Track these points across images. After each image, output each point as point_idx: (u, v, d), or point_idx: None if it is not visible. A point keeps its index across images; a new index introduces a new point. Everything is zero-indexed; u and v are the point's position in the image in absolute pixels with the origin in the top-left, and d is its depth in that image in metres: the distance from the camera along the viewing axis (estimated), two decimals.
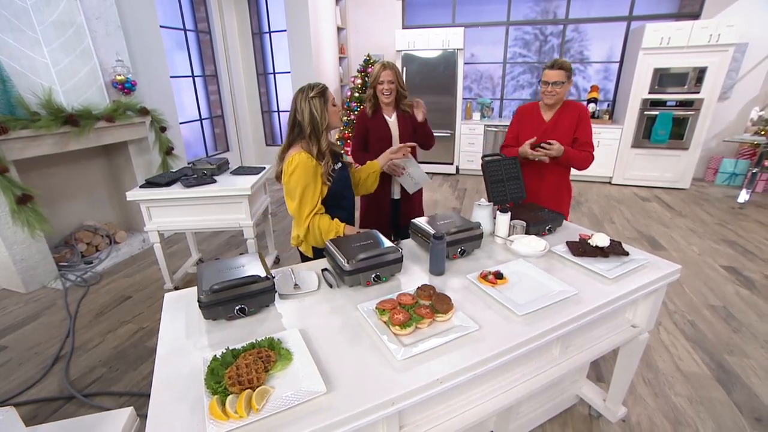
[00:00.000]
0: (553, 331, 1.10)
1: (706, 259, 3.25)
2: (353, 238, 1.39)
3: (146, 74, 3.71)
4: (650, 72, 4.84)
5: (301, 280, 1.32)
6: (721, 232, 3.77)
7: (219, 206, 2.59)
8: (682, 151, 5.04)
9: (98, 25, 3.15)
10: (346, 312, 1.16)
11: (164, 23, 4.21)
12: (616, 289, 1.26)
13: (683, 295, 2.74)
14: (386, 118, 2.18)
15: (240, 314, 1.12)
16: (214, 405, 0.80)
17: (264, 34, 5.55)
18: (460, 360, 0.96)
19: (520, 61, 6.36)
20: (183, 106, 4.75)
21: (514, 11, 5.95)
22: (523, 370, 1.21)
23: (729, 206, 4.51)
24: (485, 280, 1.27)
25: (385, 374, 0.91)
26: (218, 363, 0.91)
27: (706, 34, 4.53)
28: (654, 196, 4.99)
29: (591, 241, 1.47)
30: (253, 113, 5.99)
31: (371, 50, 6.12)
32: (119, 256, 3.42)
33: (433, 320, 1.08)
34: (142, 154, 3.63)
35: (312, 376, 0.89)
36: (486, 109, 6.21)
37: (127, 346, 2.29)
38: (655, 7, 5.42)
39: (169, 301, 1.24)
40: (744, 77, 5.12)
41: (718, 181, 5.38)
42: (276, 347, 0.97)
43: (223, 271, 1.17)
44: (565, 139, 2.03)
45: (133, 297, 2.85)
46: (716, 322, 2.42)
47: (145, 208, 2.52)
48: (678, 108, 4.88)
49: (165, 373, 0.94)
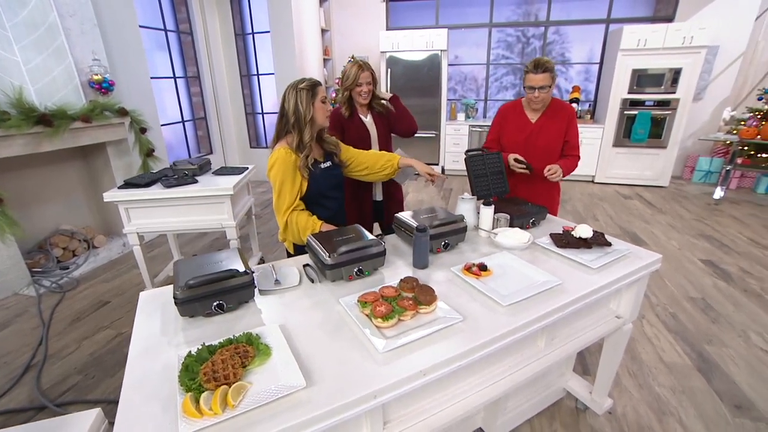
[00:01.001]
0: (538, 321, 1.09)
1: (685, 253, 3.32)
2: (335, 232, 1.36)
3: (125, 74, 3.62)
4: (629, 73, 4.96)
5: (282, 276, 1.28)
6: (698, 228, 3.87)
7: (201, 207, 2.53)
8: (660, 149, 5.17)
9: (73, 23, 3.05)
10: (328, 306, 1.13)
11: (144, 23, 4.12)
12: (599, 279, 1.26)
13: (665, 288, 2.78)
14: (362, 118, 2.12)
15: (218, 311, 1.08)
16: (187, 402, 0.76)
17: (247, 35, 5.49)
18: (444, 351, 0.94)
19: (503, 62, 6.45)
20: (164, 107, 4.65)
21: (497, 13, 6.04)
22: (510, 362, 1.19)
23: (705, 203, 4.63)
24: (469, 272, 1.26)
25: (367, 367, 0.89)
26: (193, 359, 0.87)
27: (680, 36, 4.67)
28: (635, 193, 5.09)
29: (574, 233, 1.48)
30: (237, 115, 5.91)
31: (355, 52, 6.11)
32: (98, 261, 3.31)
33: (417, 312, 1.05)
34: (121, 156, 3.53)
35: (291, 370, 0.86)
36: (470, 110, 6.26)
37: (105, 352, 2.20)
38: (631, 11, 5.57)
39: (145, 300, 1.19)
40: (716, 79, 5.28)
41: (694, 178, 5.53)
42: (254, 342, 0.94)
43: (200, 266, 1.13)
44: (552, 142, 1.98)
45: (112, 302, 2.75)
46: (696, 314, 2.47)
47: (123, 209, 2.43)
48: (656, 108, 5.01)
49: (137, 372, 0.89)
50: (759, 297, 2.64)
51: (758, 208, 4.42)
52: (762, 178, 4.99)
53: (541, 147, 1.99)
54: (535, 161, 1.94)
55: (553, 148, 2.01)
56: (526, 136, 2.00)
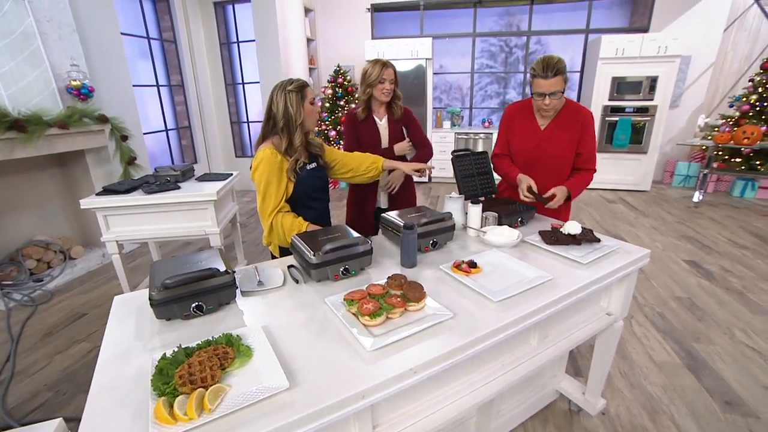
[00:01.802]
0: (530, 316, 1.07)
1: (669, 254, 3.37)
2: (320, 232, 1.32)
3: (106, 81, 3.54)
4: (609, 80, 5.10)
5: (266, 277, 1.23)
6: (680, 230, 3.94)
7: (183, 213, 2.45)
8: (641, 155, 5.29)
9: (50, 28, 2.97)
10: (313, 306, 1.08)
11: (126, 30, 4.06)
12: (590, 274, 1.25)
13: (651, 289, 2.80)
14: (377, 121, 2.08)
15: (197, 312, 1.02)
16: (159, 407, 0.70)
17: (232, 43, 5.47)
18: (434, 349, 0.90)
19: (487, 71, 6.56)
20: (147, 115, 4.56)
21: (480, 24, 6.17)
22: (502, 360, 1.16)
23: (686, 206, 4.74)
24: (459, 270, 1.23)
25: (354, 367, 0.84)
26: (167, 362, 0.81)
27: (655, 45, 4.83)
28: (619, 198, 5.18)
29: (563, 230, 1.47)
30: (222, 124, 5.84)
31: (341, 61, 6.14)
32: (74, 273, 3.17)
33: (405, 310, 1.02)
34: (101, 164, 3.42)
35: (273, 371, 0.80)
36: (456, 118, 6.33)
37: (79, 367, 2.09)
38: (609, 21, 5.76)
39: (119, 304, 1.12)
40: (690, 87, 5.47)
41: (674, 183, 5.67)
42: (234, 343, 0.88)
43: (179, 267, 1.07)
44: (563, 151, 1.73)
45: (89, 314, 2.62)
46: (682, 313, 2.48)
47: (101, 216, 2.34)
48: (635, 114, 5.14)
49: (106, 378, 0.83)
50: (741, 294, 2.68)
51: (734, 210, 4.54)
52: (737, 182, 5.15)
53: (549, 158, 1.76)
54: (542, 175, 1.73)
55: (561, 160, 1.76)
56: (534, 145, 1.76)
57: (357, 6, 6.17)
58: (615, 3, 5.76)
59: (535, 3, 5.85)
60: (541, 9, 5.95)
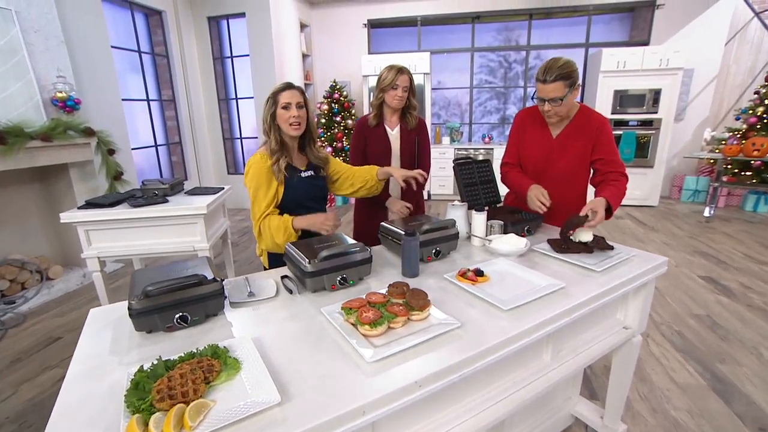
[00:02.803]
0: (543, 326, 1.03)
1: (683, 270, 3.33)
2: (315, 239, 1.29)
3: (94, 94, 3.57)
4: (611, 93, 5.20)
5: (257, 288, 1.19)
6: (693, 245, 3.92)
7: (171, 228, 2.42)
8: (647, 169, 5.33)
9: (37, 38, 3.02)
10: (308, 317, 1.04)
11: (117, 44, 4.12)
12: (605, 282, 1.21)
13: (667, 306, 2.76)
14: (388, 130, 2.05)
15: (181, 324, 0.97)
16: (132, 426, 0.65)
17: (226, 58, 5.57)
18: (441, 360, 0.86)
19: (487, 87, 6.70)
20: (136, 131, 4.58)
21: (478, 39, 6.34)
22: (514, 377, 1.11)
23: (696, 221, 4.74)
24: (464, 278, 1.19)
25: (353, 379, 0.79)
26: (145, 375, 0.76)
27: (657, 58, 4.96)
28: (626, 213, 5.19)
29: (574, 237, 1.44)
30: (214, 140, 5.87)
31: (337, 76, 6.26)
32: (51, 294, 3.09)
33: (408, 319, 0.97)
34: (85, 179, 3.40)
35: (264, 385, 0.76)
36: (455, 133, 6.40)
37: (47, 396, 1.99)
38: (608, 36, 5.94)
39: (95, 317, 1.07)
40: (694, 100, 5.59)
41: (683, 198, 5.69)
42: (221, 356, 0.83)
43: (162, 275, 1.03)
44: (574, 160, 1.68)
45: (64, 338, 2.54)
46: (703, 331, 2.43)
47: (83, 231, 2.30)
48: (640, 127, 5.22)
49: (73, 396, 0.77)
50: (764, 312, 2.63)
51: (749, 225, 4.54)
52: (749, 196, 5.17)
53: (561, 169, 1.71)
54: (553, 187, 1.65)
55: (573, 172, 1.70)
56: (546, 154, 1.71)
57: (353, 21, 6.35)
58: (614, 18, 5.96)
59: (534, 18, 6.04)
60: (540, 24, 6.14)
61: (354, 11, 6.31)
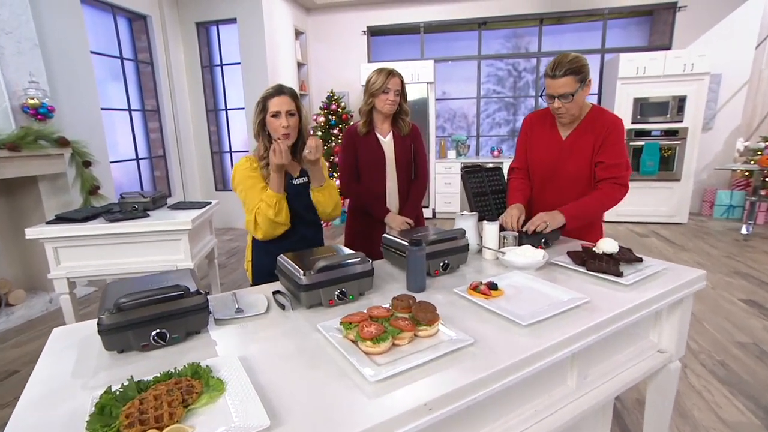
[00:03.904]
0: (567, 344, 1.00)
1: (721, 293, 3.29)
2: (309, 251, 1.28)
3: (70, 102, 3.63)
4: (630, 102, 5.27)
5: (246, 304, 1.17)
6: (731, 265, 3.88)
7: (152, 245, 2.41)
8: (674, 182, 5.34)
9: (8, 41, 3.08)
10: (303, 334, 1.01)
11: (97, 49, 4.22)
12: (635, 296, 1.19)
13: (705, 333, 2.70)
14: (380, 137, 2.07)
15: (158, 342, 0.95)
16: None
17: (215, 66, 5.69)
18: (453, 380, 0.83)
19: (495, 97, 6.80)
20: (116, 143, 4.64)
21: (485, 47, 6.48)
22: (536, 404, 1.07)
23: (733, 239, 4.71)
24: (476, 293, 1.17)
25: (352, 401, 0.77)
26: (112, 398, 0.73)
27: (680, 63, 5.05)
28: (651, 231, 5.16)
29: (596, 249, 1.43)
30: (201, 154, 5.93)
31: (335, 86, 6.37)
32: (10, 321, 3.05)
33: (415, 335, 0.95)
34: (57, 194, 3.42)
35: (251, 407, 0.73)
36: (461, 147, 6.46)
37: None
38: (626, 41, 6.07)
39: (57, 337, 1.05)
40: (723, 108, 5.66)
41: (716, 214, 5.68)
42: (203, 376, 0.81)
43: (140, 286, 1.01)
44: (584, 162, 1.71)
45: (21, 372, 2.49)
46: (750, 361, 2.37)
47: (51, 249, 2.29)
48: (663, 138, 5.26)
49: (25, 425, 0.74)
50: None
51: None
52: None
53: (570, 172, 1.74)
54: (563, 192, 1.71)
55: (582, 174, 1.72)
56: (555, 157, 1.75)
57: (352, 29, 6.51)
58: (632, 22, 6.11)
59: (545, 23, 6.19)
60: (551, 30, 6.29)
61: (353, 18, 6.48)
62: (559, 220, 1.60)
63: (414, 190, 2.13)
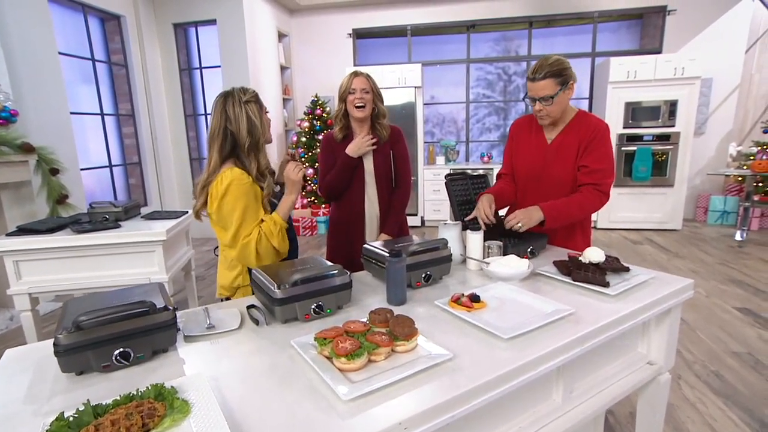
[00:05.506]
0: (551, 357, 1.01)
1: (715, 301, 3.35)
2: (286, 263, 1.27)
3: (36, 105, 3.59)
4: (621, 106, 5.39)
5: (218, 320, 1.16)
6: (725, 272, 3.96)
7: (123, 257, 2.38)
8: (667, 188, 5.46)
9: None
10: (276, 350, 1.01)
11: (65, 50, 4.18)
12: (621, 307, 1.21)
13: (699, 342, 2.74)
14: None
15: (121, 362, 0.93)
16: None
17: (194, 69, 5.68)
18: (430, 398, 0.83)
19: (484, 101, 6.88)
20: (87, 148, 4.58)
21: (474, 50, 6.57)
22: (519, 422, 1.08)
23: (728, 245, 4.81)
24: (458, 305, 1.18)
25: (325, 422, 0.76)
26: (65, 425, 0.71)
27: (671, 67, 5.18)
28: (645, 238, 5.25)
29: (583, 258, 1.45)
30: (180, 161, 5.88)
31: (319, 91, 6.40)
32: None
33: (392, 350, 0.95)
34: (20, 203, 3.36)
35: (217, 431, 0.72)
36: (451, 152, 6.51)
37: None
38: (616, 44, 6.22)
39: (10, 359, 1.02)
40: (715, 112, 5.81)
41: (710, 220, 5.80)
42: (167, 397, 0.80)
43: (102, 303, 1.00)
44: (570, 166, 1.75)
45: None
46: (745, 372, 2.41)
47: (12, 262, 2.25)
48: (656, 142, 5.38)
49: None
50: None
51: None
52: None
53: (556, 176, 1.78)
54: (549, 194, 1.74)
55: (568, 178, 1.76)
56: (540, 161, 1.79)
57: (337, 31, 6.56)
58: (622, 25, 6.27)
59: (534, 26, 6.32)
60: (541, 33, 6.42)
61: (338, 20, 6.53)
62: (536, 218, 1.62)
63: (396, 199, 2.12)
